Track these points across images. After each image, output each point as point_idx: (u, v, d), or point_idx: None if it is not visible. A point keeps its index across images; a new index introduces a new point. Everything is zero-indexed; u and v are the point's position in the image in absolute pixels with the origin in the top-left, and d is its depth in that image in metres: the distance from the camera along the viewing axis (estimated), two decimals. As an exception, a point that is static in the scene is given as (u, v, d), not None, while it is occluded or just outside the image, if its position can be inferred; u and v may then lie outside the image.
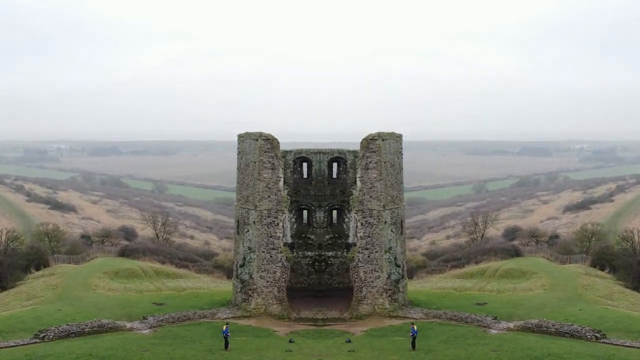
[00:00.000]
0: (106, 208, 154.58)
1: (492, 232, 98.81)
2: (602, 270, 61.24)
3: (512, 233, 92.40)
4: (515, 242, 79.91)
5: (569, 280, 53.37)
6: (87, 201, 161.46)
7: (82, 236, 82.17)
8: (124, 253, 68.88)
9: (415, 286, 54.53)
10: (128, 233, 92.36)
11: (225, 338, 32.92)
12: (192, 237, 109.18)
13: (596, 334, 34.90)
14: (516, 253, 69.03)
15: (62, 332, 35.16)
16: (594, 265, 63.31)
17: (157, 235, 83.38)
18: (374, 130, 41.59)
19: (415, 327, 33.60)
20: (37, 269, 61.91)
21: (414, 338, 32.88)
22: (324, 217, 44.27)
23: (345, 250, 43.53)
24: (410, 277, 61.20)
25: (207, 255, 76.49)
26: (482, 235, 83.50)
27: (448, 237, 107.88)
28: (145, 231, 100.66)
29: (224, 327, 33.59)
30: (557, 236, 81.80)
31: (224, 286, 54.75)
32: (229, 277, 61.36)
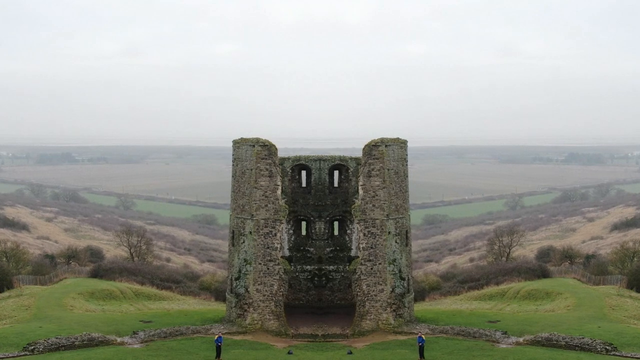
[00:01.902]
0: (63, 226, 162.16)
1: (524, 254, 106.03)
2: (639, 291, 68.48)
3: (546, 255, 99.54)
4: (547, 263, 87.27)
5: (596, 300, 60.70)
6: (39, 218, 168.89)
7: (46, 256, 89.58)
8: (96, 273, 76.22)
9: (426, 307, 61.93)
10: (94, 254, 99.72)
11: (218, 347, 40.14)
12: (168, 260, 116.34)
13: (607, 347, 42.24)
14: (543, 274, 76.33)
15: (51, 344, 42.50)
16: (630, 286, 70.54)
17: (131, 254, 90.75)
18: (383, 135, 49.10)
19: (423, 336, 40.90)
20: (1, 290, 69.17)
21: (422, 347, 40.09)
22: (324, 229, 51.65)
23: (347, 264, 50.88)
24: (422, 298, 68.71)
25: (191, 276, 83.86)
26: (508, 254, 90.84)
27: (472, 260, 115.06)
28: (113, 252, 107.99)
29: (216, 336, 40.90)
30: (593, 256, 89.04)
31: (214, 307, 62.11)
32: (218, 299, 68.86)
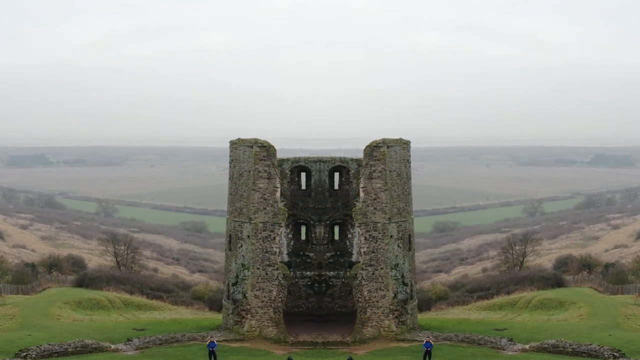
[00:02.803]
0: (40, 234, 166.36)
1: (541, 263, 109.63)
2: (660, 301, 72.16)
3: (563, 264, 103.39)
4: (564, 272, 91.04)
5: (611, 309, 64.47)
6: (14, 225, 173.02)
7: (26, 265, 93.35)
8: (82, 282, 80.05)
9: (431, 316, 65.71)
10: (76, 263, 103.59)
11: (212, 352, 43.79)
12: (155, 271, 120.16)
13: (614, 353, 45.94)
14: (557, 283, 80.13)
15: (44, 351, 46.19)
16: (650, 295, 74.28)
17: (117, 263, 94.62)
18: (389, 134, 52.86)
19: (430, 340, 44.67)
20: (-18, 300, 72.84)
21: (429, 353, 43.85)
22: (324, 233, 55.27)
23: (348, 270, 54.54)
24: (428, 308, 72.52)
25: (182, 286, 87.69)
26: (522, 262, 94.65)
27: (484, 270, 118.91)
28: (95, 262, 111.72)
29: (209, 341, 44.63)
30: (612, 265, 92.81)
31: (209, 316, 65.87)
32: (212, 309, 72.71)
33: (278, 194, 52.12)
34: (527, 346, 48.78)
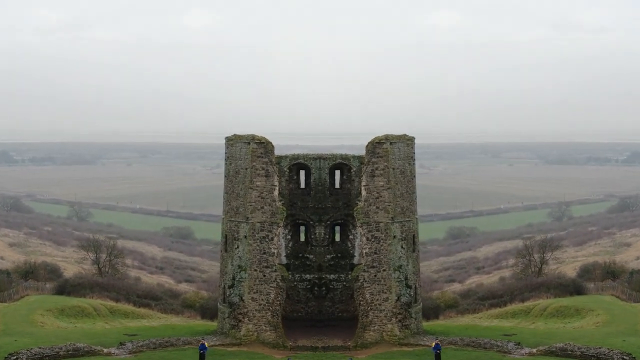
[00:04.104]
0: (7, 241, 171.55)
1: (566, 271, 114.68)
2: (683, 308, 77.31)
3: (588, 273, 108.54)
4: (587, 280, 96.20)
5: (630, 317, 69.79)
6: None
7: (1, 272, 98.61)
8: (63, 290, 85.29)
9: (438, 322, 71.00)
10: (51, 271, 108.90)
11: (202, 354, 48.93)
12: (138, 280, 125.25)
13: (624, 357, 51.17)
14: (577, 290, 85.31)
15: (35, 354, 51.48)
16: (676, 303, 79.45)
17: (100, 270, 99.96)
18: (396, 129, 57.76)
19: (439, 343, 49.79)
20: (-43, 308, 77.99)
21: (438, 355, 48.87)
22: (324, 234, 60.38)
23: (349, 272, 59.70)
24: (436, 317, 77.84)
25: (171, 294, 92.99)
26: (540, 269, 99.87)
27: (502, 280, 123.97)
28: (72, 269, 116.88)
29: (200, 343, 49.80)
30: (638, 271, 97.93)
31: (202, 322, 71.14)
32: (204, 317, 77.95)
33: (276, 193, 57.25)
34: (534, 350, 53.97)
